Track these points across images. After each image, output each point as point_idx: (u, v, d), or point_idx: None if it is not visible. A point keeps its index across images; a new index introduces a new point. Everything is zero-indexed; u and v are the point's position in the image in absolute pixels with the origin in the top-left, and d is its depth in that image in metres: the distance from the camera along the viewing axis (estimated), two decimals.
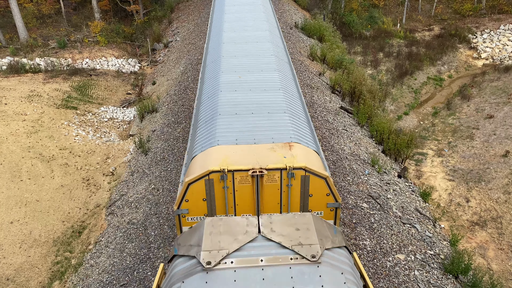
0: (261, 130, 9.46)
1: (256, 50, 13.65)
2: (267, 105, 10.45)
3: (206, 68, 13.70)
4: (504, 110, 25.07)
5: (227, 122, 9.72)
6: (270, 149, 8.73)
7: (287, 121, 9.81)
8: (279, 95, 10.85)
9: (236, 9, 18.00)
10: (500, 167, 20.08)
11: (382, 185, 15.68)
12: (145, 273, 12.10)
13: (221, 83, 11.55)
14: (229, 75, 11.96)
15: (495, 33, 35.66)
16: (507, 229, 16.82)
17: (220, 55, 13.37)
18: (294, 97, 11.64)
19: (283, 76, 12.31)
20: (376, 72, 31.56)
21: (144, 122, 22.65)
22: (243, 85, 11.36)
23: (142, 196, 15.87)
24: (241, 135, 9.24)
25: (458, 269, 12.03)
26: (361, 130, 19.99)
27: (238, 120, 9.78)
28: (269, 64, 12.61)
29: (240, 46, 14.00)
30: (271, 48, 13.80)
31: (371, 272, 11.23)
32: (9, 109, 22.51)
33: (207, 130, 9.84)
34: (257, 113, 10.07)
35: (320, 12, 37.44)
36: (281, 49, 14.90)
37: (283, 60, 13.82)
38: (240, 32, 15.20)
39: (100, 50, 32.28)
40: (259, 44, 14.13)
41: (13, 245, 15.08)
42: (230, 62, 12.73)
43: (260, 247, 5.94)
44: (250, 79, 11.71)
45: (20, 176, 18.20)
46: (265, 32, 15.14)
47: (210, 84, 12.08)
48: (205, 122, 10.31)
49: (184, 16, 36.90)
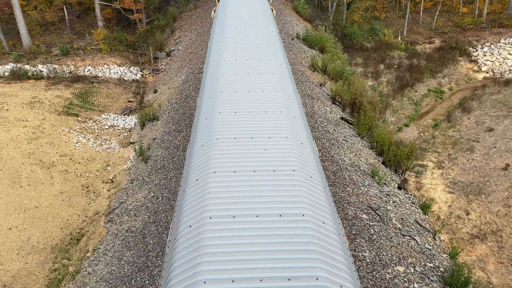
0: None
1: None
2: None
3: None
4: (504, 123, 25.11)
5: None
6: None
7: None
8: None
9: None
10: (500, 180, 20.04)
11: (382, 196, 15.66)
12: (143, 281, 12.02)
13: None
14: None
15: (496, 47, 35.87)
16: (507, 242, 16.74)
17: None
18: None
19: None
20: (377, 84, 31.67)
21: (145, 130, 22.69)
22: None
23: (141, 204, 15.84)
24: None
25: (458, 282, 11.95)
26: (361, 141, 20.01)
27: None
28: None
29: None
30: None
31: (370, 284, 11.16)
32: (10, 115, 22.57)
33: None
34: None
35: (322, 23, 37.71)
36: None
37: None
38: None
39: (103, 58, 32.46)
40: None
41: (10, 252, 15.01)
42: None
43: None
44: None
45: (19, 182, 18.18)
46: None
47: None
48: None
49: (187, 25, 37.17)
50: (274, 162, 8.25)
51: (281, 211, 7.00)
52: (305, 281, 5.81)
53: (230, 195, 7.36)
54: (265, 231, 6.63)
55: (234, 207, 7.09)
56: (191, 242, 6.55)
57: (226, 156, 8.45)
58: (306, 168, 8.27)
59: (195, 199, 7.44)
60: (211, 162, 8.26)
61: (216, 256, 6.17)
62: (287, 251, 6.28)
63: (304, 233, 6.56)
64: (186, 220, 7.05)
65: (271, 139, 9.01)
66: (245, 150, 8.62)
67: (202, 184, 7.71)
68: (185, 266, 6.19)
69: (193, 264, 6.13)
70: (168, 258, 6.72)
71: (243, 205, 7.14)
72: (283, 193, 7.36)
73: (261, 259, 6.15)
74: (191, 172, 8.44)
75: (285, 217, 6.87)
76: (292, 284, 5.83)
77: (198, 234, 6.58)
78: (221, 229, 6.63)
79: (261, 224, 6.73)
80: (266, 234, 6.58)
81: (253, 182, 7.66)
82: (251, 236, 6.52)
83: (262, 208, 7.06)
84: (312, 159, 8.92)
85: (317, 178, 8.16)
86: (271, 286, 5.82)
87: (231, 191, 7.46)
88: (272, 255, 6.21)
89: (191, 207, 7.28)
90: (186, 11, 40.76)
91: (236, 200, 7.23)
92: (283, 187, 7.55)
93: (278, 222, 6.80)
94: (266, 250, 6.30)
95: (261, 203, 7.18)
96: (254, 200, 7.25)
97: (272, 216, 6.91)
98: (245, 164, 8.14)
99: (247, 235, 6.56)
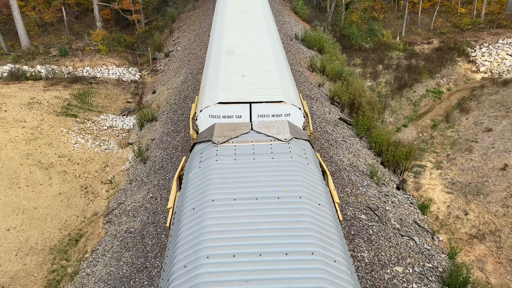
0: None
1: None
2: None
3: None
4: (503, 123, 25.15)
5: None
6: None
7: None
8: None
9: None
10: (499, 181, 20.07)
11: (381, 196, 15.67)
12: (142, 282, 12.01)
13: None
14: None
15: (494, 47, 35.93)
16: (506, 242, 16.76)
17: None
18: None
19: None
20: (376, 84, 31.70)
21: (144, 130, 22.67)
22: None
23: (140, 204, 15.83)
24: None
25: (457, 282, 11.96)
26: (360, 142, 20.02)
27: None
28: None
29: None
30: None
31: (368, 284, 11.16)
32: (8, 116, 22.54)
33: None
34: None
35: (321, 24, 37.74)
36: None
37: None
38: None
39: (101, 59, 32.43)
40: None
41: (9, 253, 14.98)
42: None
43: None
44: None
45: (18, 183, 18.15)
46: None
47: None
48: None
49: (185, 26, 37.16)
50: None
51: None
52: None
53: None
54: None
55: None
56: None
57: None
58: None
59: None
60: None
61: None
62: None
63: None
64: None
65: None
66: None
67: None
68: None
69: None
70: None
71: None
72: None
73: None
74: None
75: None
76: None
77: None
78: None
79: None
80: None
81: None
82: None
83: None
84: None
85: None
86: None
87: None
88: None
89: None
90: (185, 12, 40.75)
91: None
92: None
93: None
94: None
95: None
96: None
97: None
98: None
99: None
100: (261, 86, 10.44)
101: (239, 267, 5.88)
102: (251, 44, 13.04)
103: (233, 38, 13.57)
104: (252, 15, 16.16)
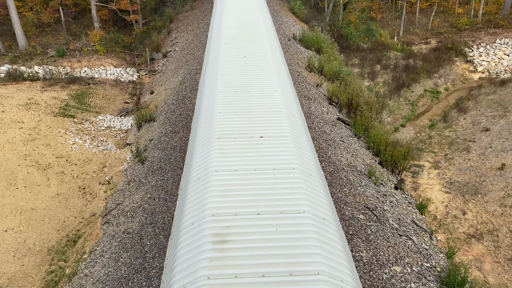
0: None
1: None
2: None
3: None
4: (500, 123, 25.22)
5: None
6: None
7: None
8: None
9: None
10: (496, 180, 20.12)
11: (379, 196, 15.68)
12: (140, 283, 11.99)
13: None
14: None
15: (491, 47, 36.02)
16: (504, 242, 16.80)
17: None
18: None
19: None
20: (373, 84, 31.74)
21: (142, 131, 22.64)
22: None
23: (138, 205, 15.81)
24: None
25: (455, 282, 11.98)
26: (358, 142, 20.04)
27: None
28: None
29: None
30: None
31: (367, 284, 11.18)
32: (6, 117, 22.48)
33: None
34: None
35: (318, 24, 37.77)
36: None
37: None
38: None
39: (99, 59, 32.38)
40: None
41: (7, 254, 14.94)
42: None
43: None
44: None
45: (15, 184, 18.11)
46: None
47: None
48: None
49: (183, 26, 37.14)
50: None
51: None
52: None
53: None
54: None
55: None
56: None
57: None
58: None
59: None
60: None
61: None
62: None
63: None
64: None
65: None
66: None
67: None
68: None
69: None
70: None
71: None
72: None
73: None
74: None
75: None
76: None
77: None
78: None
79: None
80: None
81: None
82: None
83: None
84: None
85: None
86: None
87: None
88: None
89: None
90: (183, 12, 40.72)
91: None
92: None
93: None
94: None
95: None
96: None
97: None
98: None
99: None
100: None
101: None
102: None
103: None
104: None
